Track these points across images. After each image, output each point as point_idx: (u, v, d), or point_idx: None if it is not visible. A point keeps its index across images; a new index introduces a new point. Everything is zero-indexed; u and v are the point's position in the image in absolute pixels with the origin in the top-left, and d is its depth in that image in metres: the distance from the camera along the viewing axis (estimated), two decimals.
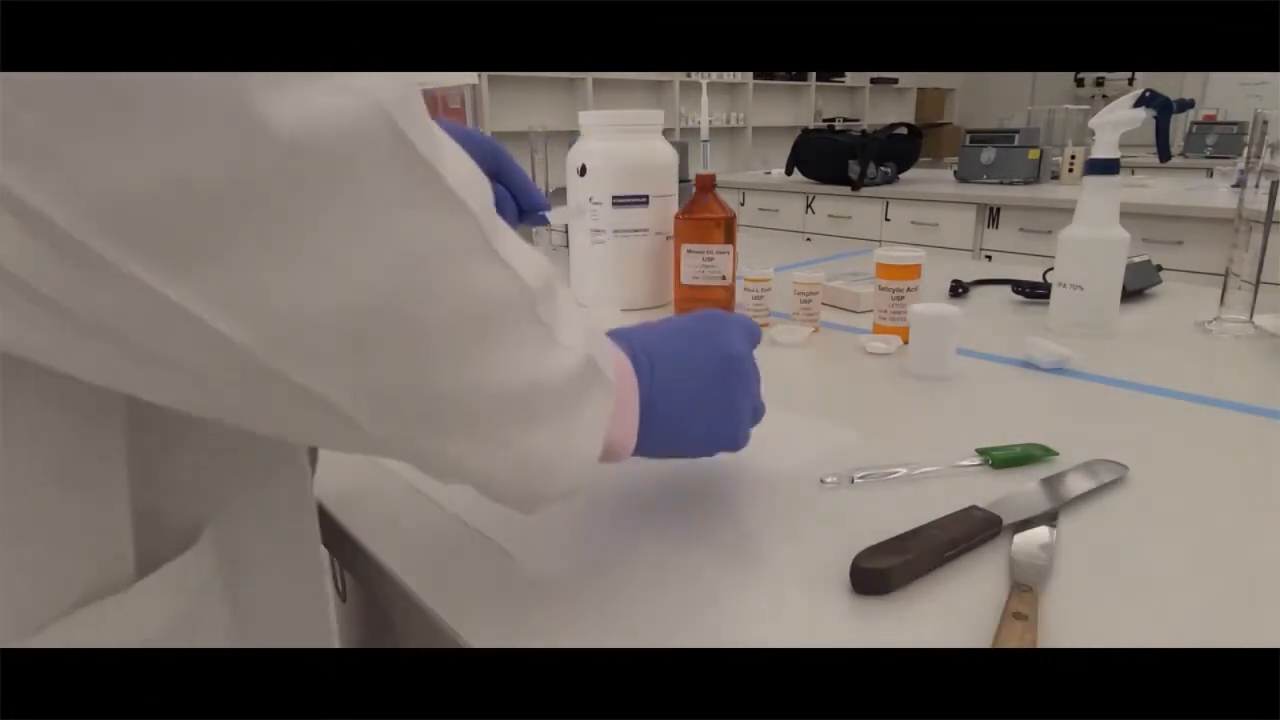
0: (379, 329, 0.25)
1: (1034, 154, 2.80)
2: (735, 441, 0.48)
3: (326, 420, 0.26)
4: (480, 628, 0.40)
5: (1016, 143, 2.92)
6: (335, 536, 0.50)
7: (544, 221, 0.69)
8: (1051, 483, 0.52)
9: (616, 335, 0.44)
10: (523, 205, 0.66)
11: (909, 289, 0.84)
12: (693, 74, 4.83)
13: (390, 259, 0.24)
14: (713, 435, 0.47)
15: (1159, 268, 1.09)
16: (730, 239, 0.96)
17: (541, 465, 0.34)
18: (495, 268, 0.28)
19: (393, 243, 0.24)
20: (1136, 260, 1.02)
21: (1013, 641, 0.36)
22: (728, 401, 0.46)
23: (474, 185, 0.28)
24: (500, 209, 0.64)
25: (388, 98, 0.23)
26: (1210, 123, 4.01)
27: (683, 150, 1.34)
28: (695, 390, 0.44)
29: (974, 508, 0.48)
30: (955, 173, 3.05)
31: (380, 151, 0.23)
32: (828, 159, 3.07)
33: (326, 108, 0.22)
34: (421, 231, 0.25)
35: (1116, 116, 0.85)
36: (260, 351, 0.23)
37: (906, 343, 0.82)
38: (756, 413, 0.50)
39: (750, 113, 5.65)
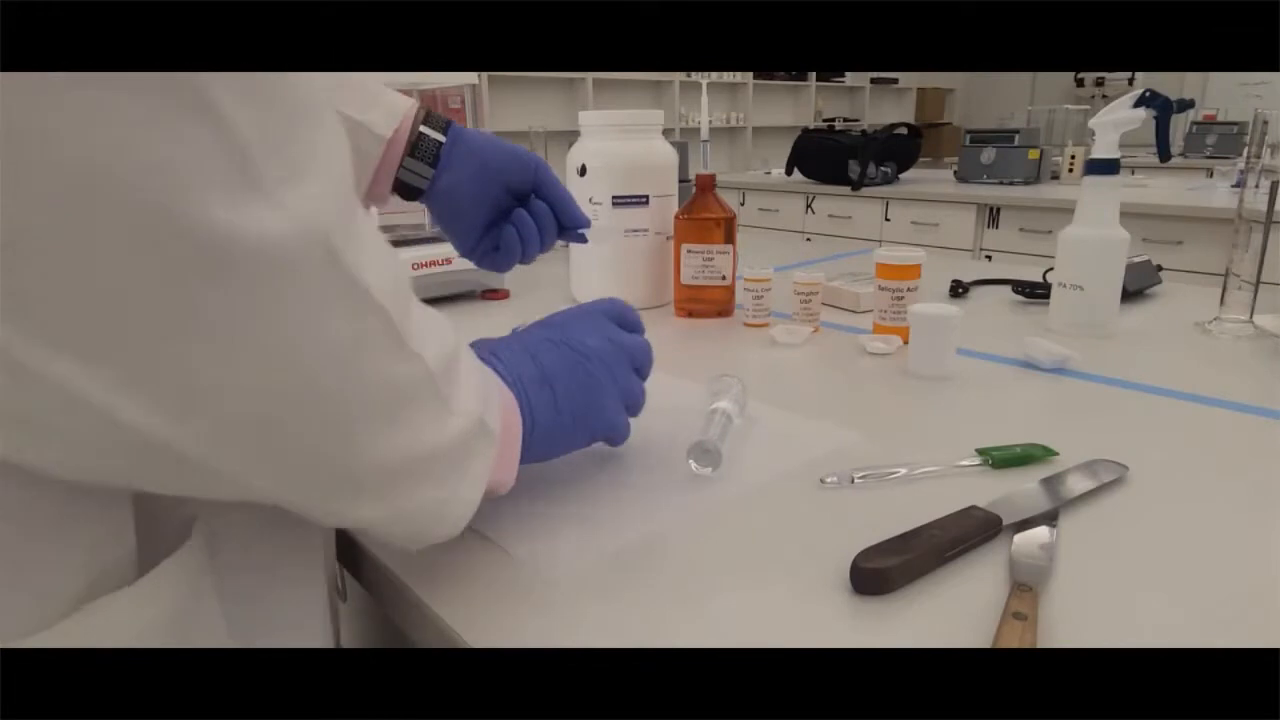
0: (298, 423, 0.27)
1: (1034, 154, 2.80)
2: (605, 432, 0.51)
3: (230, 490, 0.28)
4: (480, 628, 0.40)
5: (1016, 143, 2.92)
6: (335, 537, 0.50)
7: (582, 239, 0.68)
8: (1051, 483, 0.52)
9: (497, 362, 0.46)
10: (563, 222, 0.66)
11: (909, 289, 0.84)
12: (693, 74, 4.83)
13: (316, 360, 0.26)
14: (585, 432, 0.50)
15: (1159, 268, 1.09)
16: (730, 239, 0.96)
17: (430, 515, 0.37)
18: (407, 362, 0.31)
19: (319, 346, 0.26)
20: (1136, 260, 1.02)
21: (1013, 641, 0.36)
22: (590, 403, 0.49)
23: (393, 281, 0.30)
24: (540, 224, 0.64)
25: (326, 218, 0.25)
26: (1210, 123, 4.01)
27: (683, 150, 1.34)
28: (564, 403, 0.47)
29: (974, 508, 0.48)
30: (955, 173, 3.05)
31: (312, 268, 0.25)
32: (828, 159, 3.07)
33: (265, 224, 0.22)
34: (345, 337, 0.27)
35: (1116, 116, 0.85)
36: (176, 441, 0.24)
37: (906, 343, 0.82)
38: (628, 396, 0.52)
39: (750, 113, 5.65)
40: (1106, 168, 0.84)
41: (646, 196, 0.98)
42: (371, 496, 0.32)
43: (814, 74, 5.99)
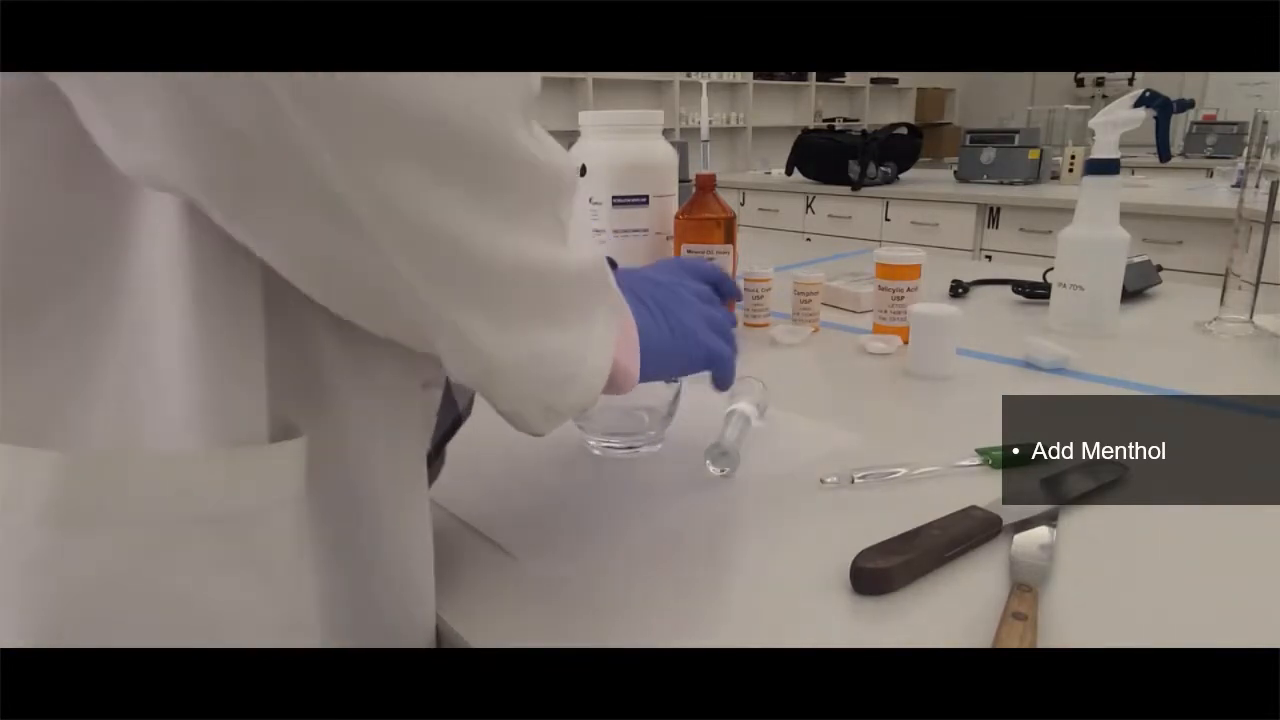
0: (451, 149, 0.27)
1: (1034, 154, 2.80)
2: (704, 352, 0.49)
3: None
4: (481, 628, 0.40)
5: (1016, 143, 2.92)
6: None
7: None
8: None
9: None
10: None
11: (909, 289, 0.84)
12: (693, 74, 4.82)
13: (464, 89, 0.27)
14: (682, 355, 0.48)
15: (1159, 268, 1.09)
16: (730, 239, 0.96)
17: (556, 369, 0.35)
18: (530, 141, 0.31)
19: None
20: (1136, 260, 1.02)
21: (1013, 641, 0.36)
22: (683, 324, 0.48)
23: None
24: None
25: None
26: (1210, 123, 4.01)
27: (683, 150, 1.34)
28: (662, 320, 0.47)
29: (974, 508, 0.48)
30: (955, 173, 3.05)
31: None
32: (828, 159, 3.07)
33: None
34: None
35: (1116, 116, 0.85)
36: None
37: (906, 343, 0.82)
38: (715, 323, 0.50)
39: (750, 113, 5.65)
40: (1106, 168, 0.84)
41: (646, 196, 0.98)
42: (488, 307, 0.31)
43: (814, 74, 5.99)
